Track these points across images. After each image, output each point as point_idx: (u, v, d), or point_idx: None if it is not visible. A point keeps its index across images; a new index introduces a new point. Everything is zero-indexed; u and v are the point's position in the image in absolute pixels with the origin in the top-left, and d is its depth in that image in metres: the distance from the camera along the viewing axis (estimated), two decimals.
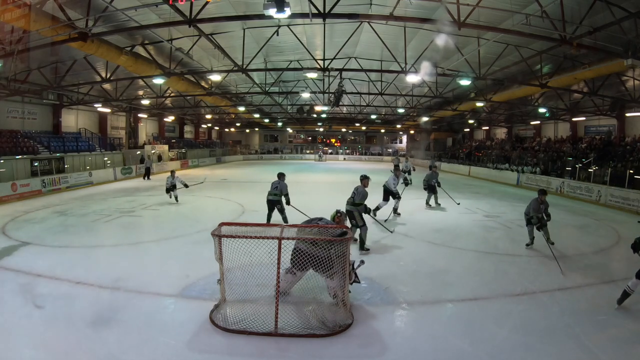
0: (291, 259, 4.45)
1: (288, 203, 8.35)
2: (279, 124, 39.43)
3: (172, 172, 12.39)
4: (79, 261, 6.29)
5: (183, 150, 30.76)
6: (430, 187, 11.63)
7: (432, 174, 11.63)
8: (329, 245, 4.30)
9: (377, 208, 9.35)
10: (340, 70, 14.13)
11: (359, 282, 4.86)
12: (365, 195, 7.03)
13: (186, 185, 12.46)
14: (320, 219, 5.03)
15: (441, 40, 11.21)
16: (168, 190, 12.07)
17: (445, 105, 23.79)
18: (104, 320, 4.24)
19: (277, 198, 8.23)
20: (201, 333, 3.99)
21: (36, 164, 15.45)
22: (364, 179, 7.28)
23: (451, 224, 9.47)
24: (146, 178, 19.62)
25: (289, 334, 3.94)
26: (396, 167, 10.85)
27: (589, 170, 15.31)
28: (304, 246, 4.39)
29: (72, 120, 21.42)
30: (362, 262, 5.01)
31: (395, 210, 9.98)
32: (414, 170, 18.18)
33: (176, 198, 12.15)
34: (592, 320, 4.39)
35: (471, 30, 10.06)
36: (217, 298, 4.60)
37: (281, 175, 8.45)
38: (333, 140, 48.26)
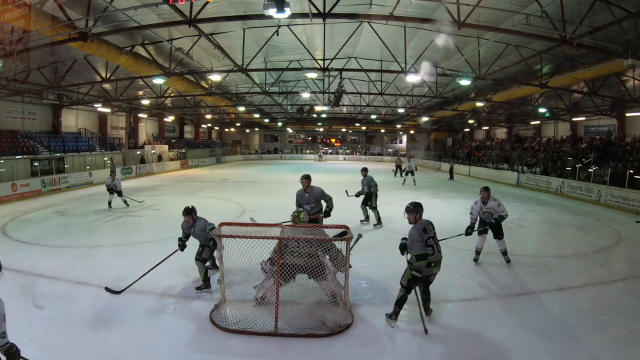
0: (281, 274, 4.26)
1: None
2: (279, 124, 39.43)
3: (112, 172, 11.94)
4: (79, 261, 6.29)
5: (183, 150, 30.77)
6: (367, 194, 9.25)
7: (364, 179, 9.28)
8: (323, 253, 4.29)
9: (478, 252, 6.46)
10: (340, 70, 14.12)
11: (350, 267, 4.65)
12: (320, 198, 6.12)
13: (120, 193, 11.17)
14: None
15: (441, 40, 11.20)
16: (111, 191, 11.07)
17: (445, 105, 23.80)
18: (104, 320, 4.24)
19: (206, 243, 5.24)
20: (201, 333, 3.99)
21: (36, 164, 15.46)
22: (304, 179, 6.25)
23: (451, 224, 9.44)
24: None
25: (289, 334, 3.94)
26: (485, 188, 6.38)
27: (589, 170, 15.30)
28: (298, 261, 4.27)
29: (72, 120, 21.41)
30: (360, 235, 4.86)
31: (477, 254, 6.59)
32: (417, 170, 18.11)
33: (109, 203, 11.07)
34: (592, 320, 4.39)
35: (471, 30, 10.07)
36: (217, 298, 4.60)
37: (192, 211, 5.22)
38: (333, 140, 48.26)
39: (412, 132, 42.95)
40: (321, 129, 44.55)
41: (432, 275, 4.26)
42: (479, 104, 20.33)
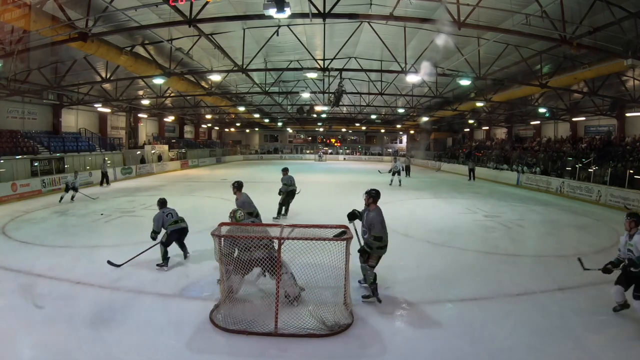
0: (235, 266, 4.49)
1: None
2: (279, 124, 39.42)
3: (76, 172, 13.71)
4: (79, 261, 6.30)
5: (183, 150, 30.76)
6: (291, 194, 9.87)
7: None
8: (270, 246, 4.46)
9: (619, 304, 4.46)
10: (340, 70, 14.12)
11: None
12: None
13: (76, 190, 12.64)
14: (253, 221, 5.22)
15: (441, 40, 11.20)
16: (67, 189, 12.45)
17: (445, 105, 23.79)
18: (104, 320, 4.23)
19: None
20: (201, 333, 3.99)
21: (36, 164, 15.46)
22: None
23: (451, 224, 9.46)
24: (105, 184, 17.11)
25: (289, 334, 3.94)
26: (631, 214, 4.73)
27: (589, 170, 15.30)
28: (255, 254, 4.42)
29: (72, 120, 21.41)
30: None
31: None
32: (403, 170, 17.96)
33: (72, 197, 12.55)
34: (592, 320, 4.39)
35: (471, 30, 10.06)
36: (217, 298, 4.60)
37: (163, 203, 6.31)
38: (333, 140, 48.25)
39: (412, 132, 42.94)
40: (321, 129, 44.54)
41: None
42: (479, 104, 20.33)
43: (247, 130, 46.20)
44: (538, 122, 25.11)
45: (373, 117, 30.99)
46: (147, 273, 5.68)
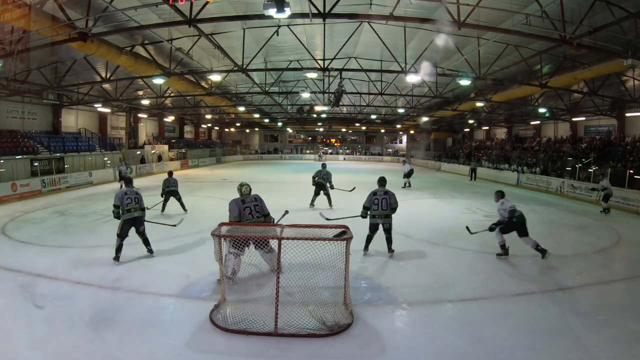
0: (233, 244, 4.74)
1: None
2: (279, 124, 39.42)
3: (126, 163, 16.59)
4: (79, 261, 6.29)
5: (183, 150, 30.77)
6: (319, 185, 11.29)
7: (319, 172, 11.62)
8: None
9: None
10: (340, 70, 14.13)
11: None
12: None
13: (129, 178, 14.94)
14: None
15: (441, 40, 11.21)
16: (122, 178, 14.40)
17: (445, 105, 23.80)
18: (104, 320, 4.23)
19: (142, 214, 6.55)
20: (201, 333, 3.99)
21: (36, 164, 15.46)
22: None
23: (451, 224, 9.45)
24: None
25: (289, 334, 3.94)
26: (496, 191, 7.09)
27: (589, 170, 15.30)
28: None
29: (72, 120, 21.42)
30: (287, 211, 6.07)
31: None
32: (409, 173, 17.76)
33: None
34: (592, 320, 4.39)
35: (471, 30, 10.07)
36: (217, 298, 4.60)
37: (128, 182, 6.96)
38: (333, 140, 48.27)
39: (412, 132, 42.94)
40: (321, 129, 44.55)
41: (385, 223, 6.39)
42: (479, 104, 20.34)
43: (247, 130, 46.21)
44: (538, 122, 25.12)
45: (373, 117, 31.00)
46: (147, 273, 5.69)
